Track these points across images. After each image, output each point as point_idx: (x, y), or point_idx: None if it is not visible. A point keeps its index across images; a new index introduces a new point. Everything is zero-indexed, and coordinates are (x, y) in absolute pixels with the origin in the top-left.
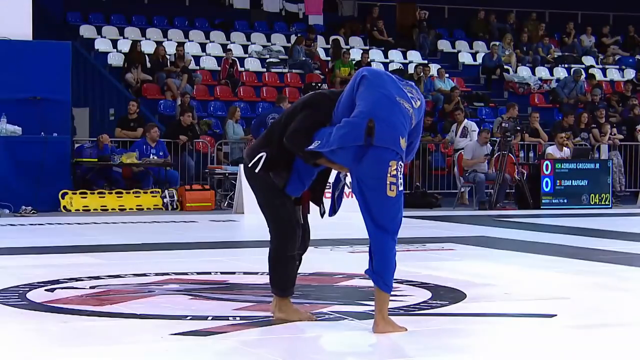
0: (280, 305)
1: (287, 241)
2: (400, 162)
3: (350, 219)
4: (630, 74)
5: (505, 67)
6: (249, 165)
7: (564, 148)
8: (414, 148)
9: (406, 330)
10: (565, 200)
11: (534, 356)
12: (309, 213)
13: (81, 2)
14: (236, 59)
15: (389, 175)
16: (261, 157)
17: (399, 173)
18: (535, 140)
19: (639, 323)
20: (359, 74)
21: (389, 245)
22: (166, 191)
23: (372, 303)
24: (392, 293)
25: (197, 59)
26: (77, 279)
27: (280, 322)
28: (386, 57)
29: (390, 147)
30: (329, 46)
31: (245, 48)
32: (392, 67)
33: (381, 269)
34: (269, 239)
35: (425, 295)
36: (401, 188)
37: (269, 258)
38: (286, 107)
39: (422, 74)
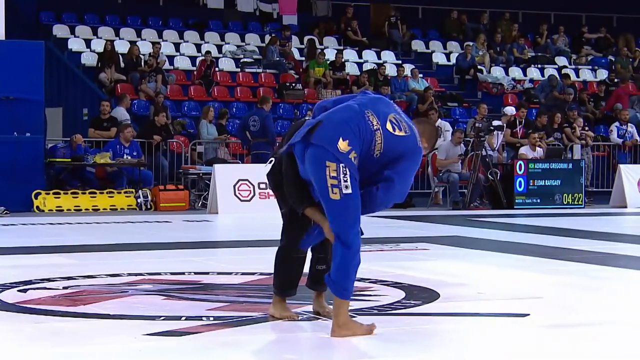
0: (275, 301)
1: (294, 242)
2: (341, 165)
3: None
4: (603, 74)
5: (479, 67)
6: (265, 165)
7: (537, 148)
8: (390, 185)
9: (371, 331)
10: (539, 200)
11: (506, 356)
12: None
13: (54, 1)
14: (214, 60)
15: (328, 176)
16: (271, 161)
17: (341, 175)
18: (509, 140)
19: (612, 322)
20: (362, 90)
21: (346, 259)
22: (140, 191)
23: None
24: (366, 292)
25: (171, 58)
26: (50, 280)
27: (256, 322)
28: (360, 57)
29: (324, 146)
30: (303, 46)
31: (219, 48)
32: (366, 67)
33: (338, 278)
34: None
35: (399, 295)
36: (347, 191)
37: (275, 256)
38: (269, 109)
39: (383, 71)
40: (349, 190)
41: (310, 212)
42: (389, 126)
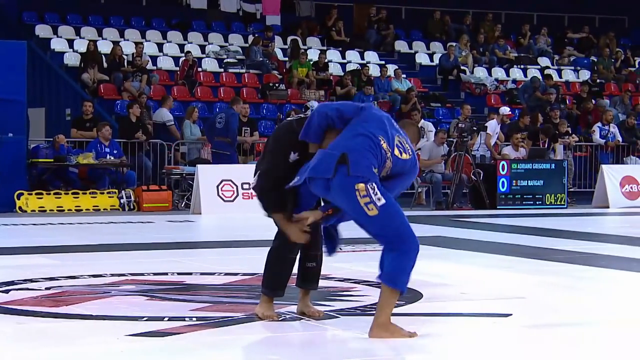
0: (262, 301)
1: (287, 243)
2: (368, 183)
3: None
4: (585, 74)
5: (462, 67)
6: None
7: (520, 148)
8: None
9: (413, 335)
10: (521, 201)
11: (489, 355)
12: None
13: (37, 1)
14: (196, 61)
15: (359, 198)
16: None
17: (371, 191)
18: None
19: (594, 322)
20: (365, 105)
21: (397, 256)
22: (123, 192)
23: (330, 304)
24: (349, 293)
25: (154, 59)
26: (32, 280)
27: (239, 322)
28: (343, 57)
29: (364, 176)
30: (286, 46)
31: (202, 48)
32: (349, 67)
33: (392, 269)
34: (273, 238)
35: None
36: (381, 202)
37: (267, 256)
38: (240, 110)
39: (366, 72)
40: (383, 201)
41: (278, 217)
42: (396, 152)
